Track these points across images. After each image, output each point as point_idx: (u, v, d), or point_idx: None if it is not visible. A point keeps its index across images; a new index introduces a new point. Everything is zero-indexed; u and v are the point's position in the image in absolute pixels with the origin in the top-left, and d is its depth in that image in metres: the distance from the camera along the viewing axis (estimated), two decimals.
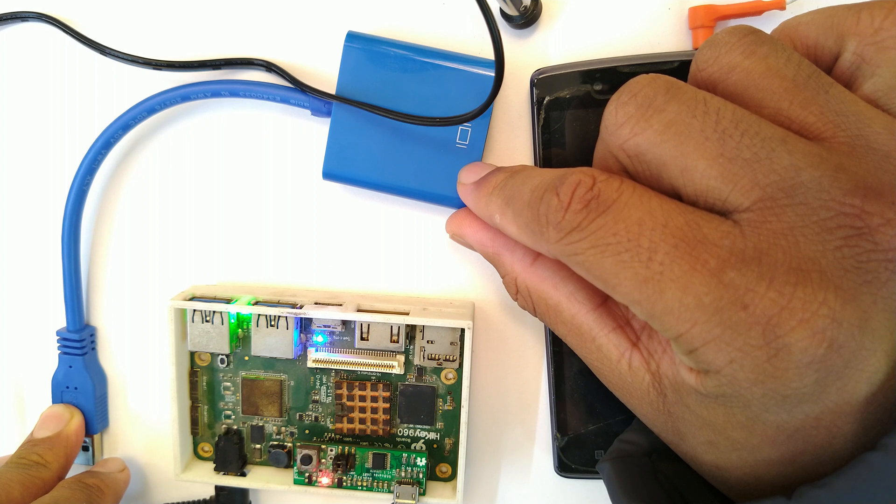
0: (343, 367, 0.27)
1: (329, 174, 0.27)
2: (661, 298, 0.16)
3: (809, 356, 0.15)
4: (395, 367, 0.27)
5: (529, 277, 0.22)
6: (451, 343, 0.26)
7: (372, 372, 0.28)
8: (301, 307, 0.26)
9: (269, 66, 0.27)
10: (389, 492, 0.28)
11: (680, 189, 0.18)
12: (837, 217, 0.16)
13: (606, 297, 0.21)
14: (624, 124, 0.18)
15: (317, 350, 0.27)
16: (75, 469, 0.29)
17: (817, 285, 0.15)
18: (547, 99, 0.25)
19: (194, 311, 0.27)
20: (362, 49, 0.26)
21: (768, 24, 0.24)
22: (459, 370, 0.27)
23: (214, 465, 0.28)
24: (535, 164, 0.26)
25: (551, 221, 0.18)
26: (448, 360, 0.26)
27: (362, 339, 0.27)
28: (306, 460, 0.28)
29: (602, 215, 0.18)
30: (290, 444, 0.28)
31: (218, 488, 0.29)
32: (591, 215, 0.18)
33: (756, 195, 0.16)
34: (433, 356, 0.26)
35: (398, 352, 0.27)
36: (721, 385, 0.17)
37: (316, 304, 0.27)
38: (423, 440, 0.28)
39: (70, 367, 0.29)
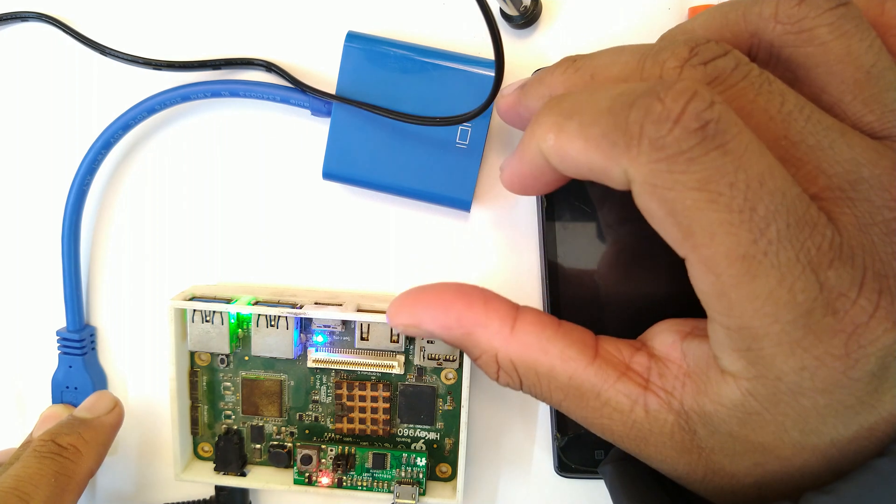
0: (343, 367, 0.27)
1: (329, 174, 0.27)
2: (751, 282, 0.14)
3: (881, 366, 0.15)
4: (395, 367, 0.27)
5: (513, 349, 0.19)
6: None
7: (372, 372, 0.28)
8: (301, 307, 0.26)
9: (269, 66, 0.27)
10: (389, 492, 0.28)
11: None
12: None
13: (598, 346, 0.19)
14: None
15: (317, 350, 0.27)
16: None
17: (895, 292, 0.15)
18: None
19: (194, 311, 0.27)
20: (362, 49, 0.26)
21: None
22: (459, 370, 0.27)
23: (214, 465, 0.28)
24: None
25: (647, 133, 0.14)
26: (448, 360, 0.26)
27: (362, 339, 0.27)
28: (306, 460, 0.27)
29: (719, 150, 0.14)
30: (290, 444, 0.28)
31: (218, 488, 0.29)
32: (708, 144, 0.14)
33: (822, 183, 0.15)
34: (433, 356, 0.26)
35: (398, 352, 0.27)
36: (777, 393, 0.15)
37: (316, 304, 0.27)
38: (423, 440, 0.28)
39: (70, 367, 0.29)
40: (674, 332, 0.19)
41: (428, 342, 0.26)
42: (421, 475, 0.27)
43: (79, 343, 0.29)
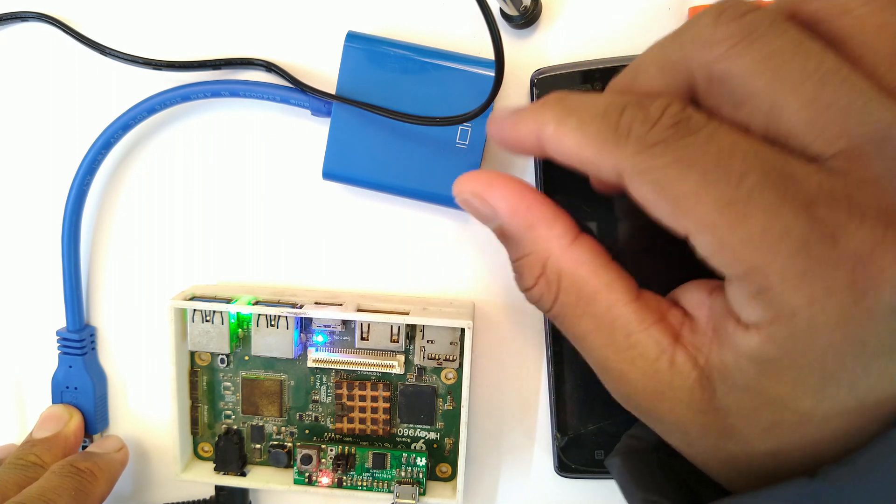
0: (343, 367, 0.27)
1: (329, 174, 0.27)
2: (743, 224, 0.15)
3: None
4: (395, 366, 0.27)
5: (566, 259, 0.20)
6: (451, 343, 0.26)
7: (372, 372, 0.28)
8: (301, 307, 0.26)
9: (269, 66, 0.27)
10: (389, 492, 0.28)
11: (759, 127, 0.17)
12: None
13: (641, 290, 0.20)
14: (721, 42, 0.17)
15: (317, 350, 0.27)
16: None
17: None
18: None
19: (194, 311, 0.27)
20: (362, 49, 0.26)
21: None
22: (459, 370, 0.27)
23: (214, 465, 0.28)
24: (535, 164, 0.26)
25: (634, 133, 0.17)
26: (448, 360, 0.26)
27: (362, 338, 0.27)
28: (306, 460, 0.28)
29: (692, 135, 0.16)
30: (290, 444, 0.28)
31: (218, 488, 0.29)
32: (681, 132, 0.16)
33: (842, 144, 0.16)
34: (433, 356, 0.26)
35: (398, 352, 0.27)
36: (794, 333, 0.15)
37: (316, 303, 0.27)
38: (423, 440, 0.28)
39: (70, 367, 0.29)
40: (701, 290, 0.19)
41: (428, 342, 0.26)
42: (421, 475, 0.27)
43: (79, 343, 0.29)
